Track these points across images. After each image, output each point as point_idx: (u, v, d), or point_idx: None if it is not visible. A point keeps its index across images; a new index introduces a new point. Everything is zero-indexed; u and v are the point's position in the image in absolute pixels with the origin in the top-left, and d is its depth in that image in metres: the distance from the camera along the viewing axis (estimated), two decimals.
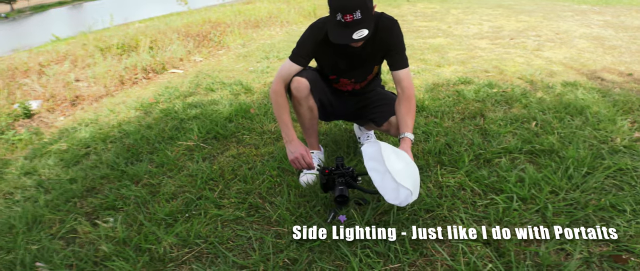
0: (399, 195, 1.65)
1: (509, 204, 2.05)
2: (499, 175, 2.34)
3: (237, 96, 3.91)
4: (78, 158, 2.90)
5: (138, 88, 4.63)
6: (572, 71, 4.42)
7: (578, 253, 1.73)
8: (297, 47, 2.12)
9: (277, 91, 2.11)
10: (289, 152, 2.11)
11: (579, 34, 6.39)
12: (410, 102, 2.12)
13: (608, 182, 2.23)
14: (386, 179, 1.66)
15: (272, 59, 5.42)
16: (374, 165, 1.71)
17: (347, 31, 1.83)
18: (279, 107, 2.12)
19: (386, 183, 1.66)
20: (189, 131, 3.08)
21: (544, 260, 1.69)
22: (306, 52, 2.10)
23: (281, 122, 2.13)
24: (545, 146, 2.62)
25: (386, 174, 1.66)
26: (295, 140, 2.11)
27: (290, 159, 2.12)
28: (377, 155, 1.70)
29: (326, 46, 2.09)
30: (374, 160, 1.71)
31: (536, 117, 3.09)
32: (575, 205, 2.05)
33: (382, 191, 1.66)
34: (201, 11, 9.38)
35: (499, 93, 3.66)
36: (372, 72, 2.30)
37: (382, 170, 1.67)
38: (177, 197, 2.27)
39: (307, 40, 2.10)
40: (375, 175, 1.69)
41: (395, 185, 1.64)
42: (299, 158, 2.09)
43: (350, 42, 1.84)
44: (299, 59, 2.11)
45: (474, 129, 2.96)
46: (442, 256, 1.77)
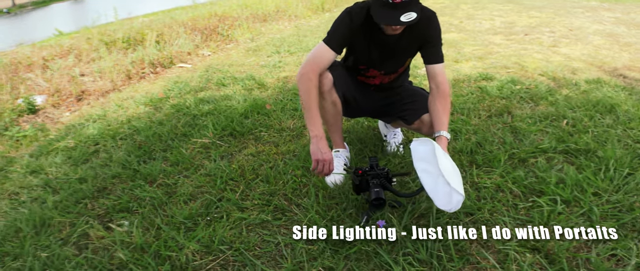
0: (451, 200, 1.51)
1: (553, 207, 1.93)
2: (537, 175, 2.21)
3: (250, 91, 3.76)
4: (87, 156, 2.74)
5: (146, 83, 4.48)
6: (593, 68, 4.29)
7: (635, 257, 1.61)
8: (332, 32, 1.96)
9: (310, 78, 1.90)
10: (317, 150, 1.87)
11: (592, 30, 6.26)
12: (446, 99, 1.98)
13: None
14: (439, 182, 1.52)
15: (283, 53, 5.26)
16: (425, 166, 1.56)
17: (395, 12, 1.70)
18: (309, 95, 1.90)
19: (438, 187, 1.51)
20: (204, 128, 2.93)
21: (596, 267, 1.58)
22: (341, 36, 1.95)
23: (309, 112, 1.90)
24: (580, 145, 2.50)
25: (439, 177, 1.52)
26: (324, 139, 1.89)
27: (314, 158, 1.87)
28: (429, 155, 1.55)
29: (362, 33, 1.95)
30: (426, 161, 1.56)
31: (566, 115, 2.96)
32: (621, 207, 1.93)
33: (433, 195, 1.52)
34: (206, 5, 9.21)
35: (523, 90, 3.52)
36: (404, 64, 2.16)
37: (435, 172, 1.53)
38: (195, 199, 2.12)
39: (341, 24, 1.94)
40: (426, 177, 1.55)
41: (448, 189, 1.50)
42: (326, 162, 1.85)
43: (397, 23, 1.70)
44: (334, 44, 1.94)
45: (502, 127, 2.82)
46: (489, 263, 1.64)
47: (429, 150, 1.55)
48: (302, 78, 1.92)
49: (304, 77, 1.92)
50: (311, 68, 1.92)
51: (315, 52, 1.97)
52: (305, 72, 1.92)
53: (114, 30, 6.31)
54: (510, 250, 1.68)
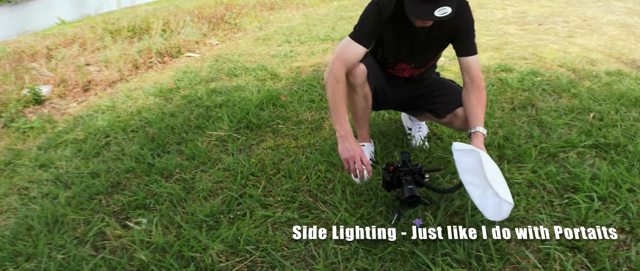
0: (501, 211, 1.44)
1: (590, 204, 1.85)
2: (569, 171, 2.13)
3: (263, 82, 3.65)
4: (98, 149, 2.64)
5: (154, 73, 4.37)
6: (611, 59, 4.19)
7: None
8: (359, 25, 1.85)
9: (337, 76, 1.81)
10: (344, 148, 1.78)
11: (605, 20, 6.14)
12: (481, 93, 1.88)
13: None
14: (487, 194, 1.44)
15: (294, 42, 5.14)
16: (471, 179, 1.48)
17: (428, 6, 1.59)
18: (337, 94, 1.81)
19: (488, 200, 1.44)
20: (218, 120, 2.83)
21: (637, 266, 1.52)
22: (370, 30, 1.84)
23: (337, 111, 1.82)
24: (610, 140, 2.41)
25: (487, 189, 1.44)
26: (352, 137, 1.81)
27: (343, 158, 1.79)
28: (475, 167, 1.47)
29: (391, 25, 1.85)
30: (472, 173, 1.48)
31: (591, 108, 2.87)
32: None
33: (482, 207, 1.45)
34: None
35: (545, 82, 3.42)
36: (435, 57, 2.06)
37: (483, 184, 1.45)
38: (215, 195, 2.03)
39: (369, 17, 1.84)
40: (474, 190, 1.47)
41: (498, 200, 1.42)
42: (356, 158, 1.76)
43: (431, 18, 1.60)
44: (363, 38, 1.84)
45: (528, 120, 2.73)
46: (530, 263, 1.57)
47: (475, 162, 1.47)
48: (329, 77, 1.83)
49: (330, 75, 1.83)
50: (338, 65, 1.83)
51: (342, 47, 1.86)
52: (332, 69, 1.83)
53: (118, 19, 6.19)
54: (550, 249, 1.60)
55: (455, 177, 2.09)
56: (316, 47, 4.85)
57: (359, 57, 1.86)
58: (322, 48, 4.77)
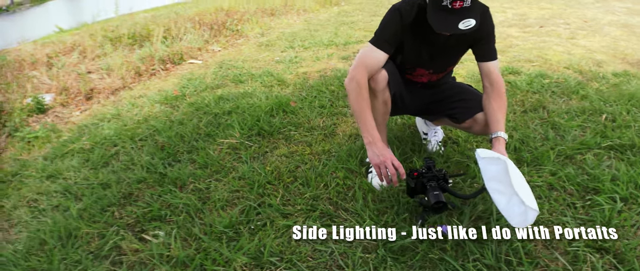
0: (526, 218, 1.42)
1: (613, 205, 1.84)
2: (588, 173, 2.12)
3: (270, 88, 3.62)
4: (106, 159, 2.59)
5: (157, 80, 4.32)
6: (616, 60, 4.19)
7: None
8: (380, 31, 1.83)
9: (360, 82, 1.78)
10: (374, 155, 1.75)
11: (606, 21, 6.16)
12: (502, 98, 1.86)
13: None
14: (513, 202, 1.42)
15: (298, 48, 5.11)
16: (497, 186, 1.46)
17: (453, 18, 1.56)
18: (361, 101, 1.79)
19: (513, 207, 1.42)
20: (228, 127, 2.79)
21: None
22: (391, 36, 1.81)
23: (363, 118, 1.79)
24: (624, 141, 2.40)
25: (513, 197, 1.42)
26: (381, 142, 1.77)
27: (374, 164, 1.76)
28: (501, 175, 1.45)
29: (411, 31, 1.82)
30: (497, 181, 1.46)
31: (602, 110, 2.85)
32: None
33: (507, 215, 1.43)
34: (209, 0, 9.03)
35: (554, 84, 3.41)
36: (454, 63, 2.04)
37: (509, 192, 1.43)
38: (233, 205, 1.99)
39: (390, 22, 1.81)
40: (499, 198, 1.45)
41: (523, 208, 1.40)
42: (387, 162, 1.72)
43: (455, 31, 1.57)
44: (384, 44, 1.81)
45: (541, 123, 2.72)
46: (560, 265, 1.55)
47: (501, 170, 1.45)
48: (351, 83, 1.80)
49: (352, 82, 1.80)
50: (360, 71, 1.80)
51: (363, 54, 1.84)
52: (354, 75, 1.80)
53: (117, 26, 6.15)
54: (578, 250, 1.59)
55: (476, 182, 2.06)
56: (320, 52, 4.83)
57: (381, 63, 1.83)
58: (327, 53, 4.74)
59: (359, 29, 6.05)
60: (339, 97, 3.26)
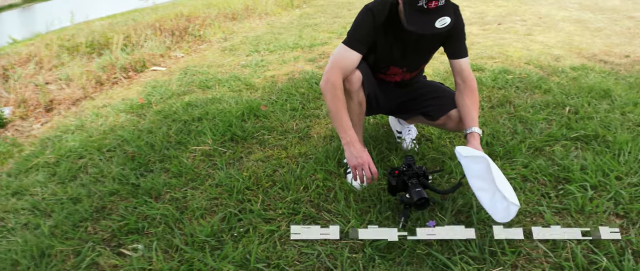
0: (509, 213, 1.46)
1: (585, 193, 1.91)
2: (557, 163, 2.20)
3: (239, 93, 3.57)
4: (74, 172, 2.48)
5: (120, 88, 4.19)
6: (573, 55, 4.35)
7: None
8: (353, 31, 1.83)
9: (335, 83, 1.78)
10: (352, 156, 1.77)
11: (560, 17, 6.39)
12: (475, 94, 1.90)
13: None
14: (496, 198, 1.46)
15: (263, 52, 5.07)
16: (480, 184, 1.49)
17: (429, 18, 1.57)
18: (336, 102, 1.78)
19: (497, 204, 1.46)
20: (200, 134, 2.73)
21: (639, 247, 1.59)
22: (364, 36, 1.82)
23: (339, 119, 1.80)
24: (589, 132, 2.50)
25: (495, 193, 1.46)
26: (359, 143, 1.79)
27: (352, 165, 1.78)
28: (484, 173, 1.49)
29: (384, 31, 1.84)
30: (481, 179, 1.49)
31: (565, 103, 2.96)
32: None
33: (492, 211, 1.47)
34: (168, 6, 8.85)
35: (517, 80, 3.51)
36: (427, 61, 2.06)
37: (492, 189, 1.47)
38: (212, 213, 1.95)
39: (363, 23, 1.81)
40: (483, 195, 1.49)
41: (506, 203, 1.45)
42: (364, 165, 1.76)
43: (433, 31, 1.58)
44: (357, 44, 1.81)
45: (508, 117, 2.79)
46: (541, 252, 1.61)
47: (484, 168, 1.49)
48: (326, 85, 1.80)
49: (328, 83, 1.79)
50: (335, 73, 1.80)
51: (337, 55, 1.83)
52: (329, 77, 1.79)
53: (73, 35, 5.94)
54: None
55: (453, 177, 2.10)
56: (287, 55, 4.80)
57: (355, 64, 1.83)
58: (293, 56, 4.72)
59: (323, 31, 6.06)
60: (309, 99, 3.25)
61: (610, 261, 1.52)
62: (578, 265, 1.51)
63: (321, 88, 1.84)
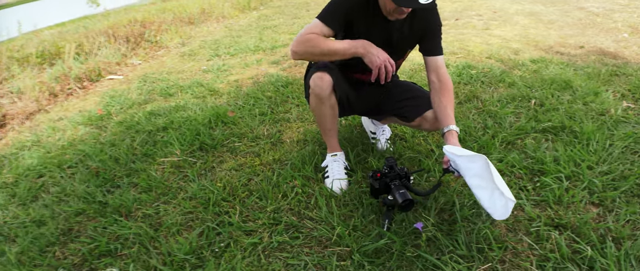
0: (507, 210, 1.44)
1: (560, 184, 1.95)
2: (531, 156, 2.23)
3: (203, 99, 3.46)
4: (34, 192, 2.32)
5: (75, 100, 3.98)
6: (530, 48, 4.46)
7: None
8: (329, 7, 1.76)
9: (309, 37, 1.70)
10: (375, 56, 1.69)
11: (513, 10, 6.56)
12: (450, 92, 1.88)
13: (628, 151, 2.23)
14: (495, 196, 1.44)
15: (224, 55, 4.96)
16: (479, 182, 1.48)
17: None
18: (321, 42, 1.70)
19: (496, 201, 1.44)
20: (167, 144, 2.62)
21: (619, 234, 1.63)
22: (340, 14, 1.75)
23: (339, 46, 1.71)
24: (556, 123, 2.55)
25: (494, 191, 1.44)
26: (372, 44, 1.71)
27: (377, 64, 1.69)
28: (483, 171, 1.47)
29: (363, 14, 1.78)
30: (479, 177, 1.48)
31: (529, 95, 3.02)
32: (614, 177, 2.01)
33: (491, 209, 1.45)
34: (120, 12, 8.53)
35: (481, 74, 3.56)
36: (403, 56, 2.04)
37: (491, 187, 1.45)
38: (189, 228, 1.85)
39: (342, 4, 1.76)
40: (482, 193, 1.47)
41: (504, 200, 1.43)
42: (387, 63, 1.70)
43: (417, 6, 1.54)
44: (330, 20, 1.74)
45: (477, 112, 2.82)
46: (526, 245, 1.63)
47: (482, 166, 1.47)
48: (310, 39, 1.71)
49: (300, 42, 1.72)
50: (311, 34, 1.72)
51: (309, 28, 1.75)
52: (306, 37, 1.71)
53: (22, 46, 5.63)
54: (539, 229, 1.68)
55: (431, 176, 2.09)
56: (248, 58, 4.71)
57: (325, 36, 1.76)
58: (255, 59, 4.64)
59: (283, 32, 5.99)
60: (278, 103, 3.19)
61: (594, 250, 1.54)
62: (564, 256, 1.53)
63: (295, 50, 1.74)
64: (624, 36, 4.69)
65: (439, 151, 2.29)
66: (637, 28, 5.01)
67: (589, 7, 6.48)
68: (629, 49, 4.18)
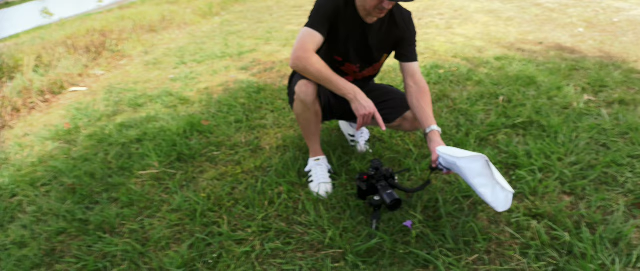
0: (508, 201, 1.51)
1: (534, 176, 2.05)
2: (504, 151, 2.33)
3: (174, 109, 3.41)
4: (11, 213, 2.23)
5: (39, 114, 3.85)
6: (493, 45, 4.60)
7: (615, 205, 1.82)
8: (315, 14, 1.81)
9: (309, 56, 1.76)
10: (361, 106, 1.76)
11: (473, 9, 6.75)
12: (428, 94, 1.97)
13: (593, 142, 2.36)
14: (496, 191, 1.51)
15: (190, 63, 4.89)
16: (481, 181, 1.53)
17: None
18: (323, 68, 1.77)
19: (498, 195, 1.51)
20: (143, 156, 2.58)
21: (592, 219, 1.74)
22: (325, 19, 1.81)
23: (335, 79, 1.78)
24: (524, 118, 2.66)
25: (496, 186, 1.51)
26: (362, 93, 1.80)
27: (362, 114, 1.76)
28: (484, 169, 1.53)
29: (343, 16, 1.84)
30: (481, 176, 1.53)
31: (497, 92, 3.13)
32: (582, 166, 2.12)
33: (494, 204, 1.51)
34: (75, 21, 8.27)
35: (449, 74, 3.66)
36: (379, 60, 2.09)
37: (492, 183, 1.52)
38: (178, 241, 1.83)
39: (327, 6, 1.81)
40: (485, 191, 1.53)
41: (505, 193, 1.50)
42: (373, 114, 1.77)
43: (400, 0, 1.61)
44: (319, 26, 1.79)
45: (449, 111, 2.91)
46: (508, 235, 1.71)
47: (483, 165, 1.53)
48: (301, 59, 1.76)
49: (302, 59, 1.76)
50: (305, 49, 1.77)
51: (302, 38, 1.80)
52: (301, 54, 1.76)
53: None
54: (519, 220, 1.77)
55: (412, 174, 2.14)
56: (216, 65, 4.67)
57: (319, 46, 1.81)
58: (223, 65, 4.60)
59: (248, 37, 5.96)
60: (252, 110, 3.18)
61: (571, 235, 1.64)
62: (544, 243, 1.62)
63: (298, 64, 1.78)
64: (579, 31, 4.92)
65: (418, 151, 2.36)
66: (591, 22, 5.26)
67: (544, 3, 6.74)
68: (585, 44, 4.39)
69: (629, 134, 2.38)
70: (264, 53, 4.93)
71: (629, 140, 2.33)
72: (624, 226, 1.67)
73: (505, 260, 1.58)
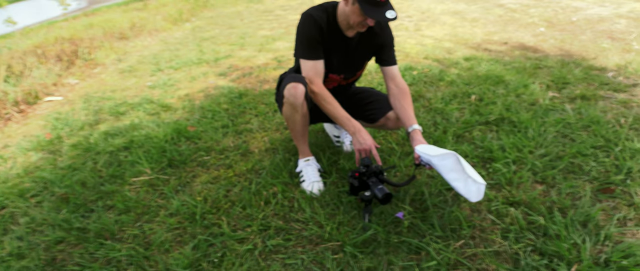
0: (480, 192, 1.66)
1: (509, 168, 2.22)
2: (480, 146, 2.49)
3: (157, 116, 3.45)
4: (3, 225, 2.24)
5: (16, 125, 3.81)
6: (461, 46, 4.80)
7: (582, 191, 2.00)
8: (306, 41, 1.96)
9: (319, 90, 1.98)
10: (358, 142, 1.92)
11: (439, 10, 6.99)
12: (409, 96, 2.13)
13: (559, 136, 2.55)
14: (469, 184, 1.66)
15: (167, 69, 4.91)
16: (454, 176, 1.69)
17: (381, 10, 1.79)
18: (330, 102, 1.98)
19: (470, 188, 1.66)
20: (133, 164, 2.62)
21: (562, 204, 1.92)
22: (316, 43, 1.97)
23: (340, 115, 1.97)
24: (496, 115, 2.83)
25: (467, 180, 1.66)
26: (364, 130, 1.95)
27: (358, 149, 1.93)
28: (455, 165, 1.68)
29: (326, 33, 1.99)
30: (454, 171, 1.69)
31: (469, 91, 3.30)
32: (551, 158, 2.31)
33: (467, 195, 1.66)
34: (40, 29, 8.10)
35: (422, 75, 3.82)
36: (362, 67, 2.24)
37: (463, 177, 1.67)
38: (180, 243, 1.90)
39: (309, 28, 1.96)
40: (458, 184, 1.68)
41: (477, 185, 1.65)
42: (370, 150, 1.93)
43: (385, 19, 1.78)
44: (313, 52, 1.98)
45: (425, 110, 3.05)
46: (489, 221, 1.87)
47: (454, 161, 1.69)
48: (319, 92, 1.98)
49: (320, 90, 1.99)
50: (316, 82, 1.98)
51: (306, 72, 1.99)
52: (314, 91, 1.98)
53: None
54: (498, 207, 1.93)
55: (397, 170, 2.28)
56: (194, 71, 4.71)
57: (323, 68, 2.01)
58: (201, 72, 4.65)
59: (222, 43, 6.00)
60: (236, 115, 3.26)
61: (545, 219, 1.82)
62: (522, 227, 1.79)
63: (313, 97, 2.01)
64: (540, 30, 5.19)
65: (400, 148, 2.49)
66: (551, 22, 5.55)
67: (507, 3, 7.04)
68: (546, 43, 4.64)
69: (591, 127, 2.58)
70: (241, 58, 5.00)
71: (592, 133, 2.52)
72: (592, 209, 1.85)
73: (488, 243, 1.73)
